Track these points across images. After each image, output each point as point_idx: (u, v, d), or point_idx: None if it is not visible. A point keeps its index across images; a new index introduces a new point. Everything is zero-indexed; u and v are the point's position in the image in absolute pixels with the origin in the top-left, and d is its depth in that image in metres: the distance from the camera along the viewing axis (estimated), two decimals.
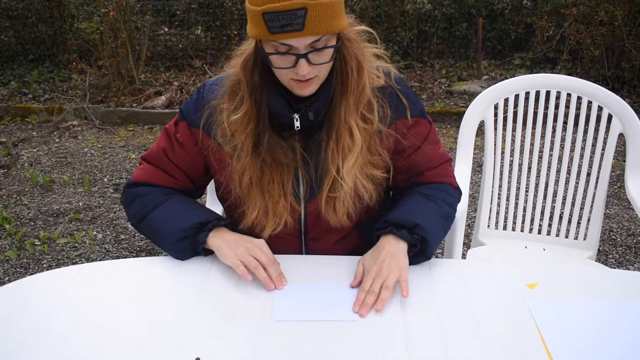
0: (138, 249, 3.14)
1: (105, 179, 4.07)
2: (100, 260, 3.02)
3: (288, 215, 1.34)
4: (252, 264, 1.25)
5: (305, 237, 1.44)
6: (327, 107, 1.27)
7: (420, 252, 1.31)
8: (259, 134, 1.27)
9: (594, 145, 1.90)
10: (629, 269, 2.83)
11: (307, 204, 1.38)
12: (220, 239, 1.32)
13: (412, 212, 1.34)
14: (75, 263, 2.99)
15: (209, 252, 1.35)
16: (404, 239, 1.29)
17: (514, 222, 2.06)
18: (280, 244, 1.40)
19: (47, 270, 2.46)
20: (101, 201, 3.72)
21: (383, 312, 1.15)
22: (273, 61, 1.19)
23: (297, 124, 1.28)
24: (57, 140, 4.92)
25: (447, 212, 1.40)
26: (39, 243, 3.20)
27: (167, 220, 1.35)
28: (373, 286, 1.20)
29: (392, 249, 1.28)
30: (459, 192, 1.48)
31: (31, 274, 2.89)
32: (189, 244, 1.33)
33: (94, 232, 3.31)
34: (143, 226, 1.39)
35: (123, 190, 1.45)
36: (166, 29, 6.80)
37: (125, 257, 3.05)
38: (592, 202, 1.95)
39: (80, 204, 3.68)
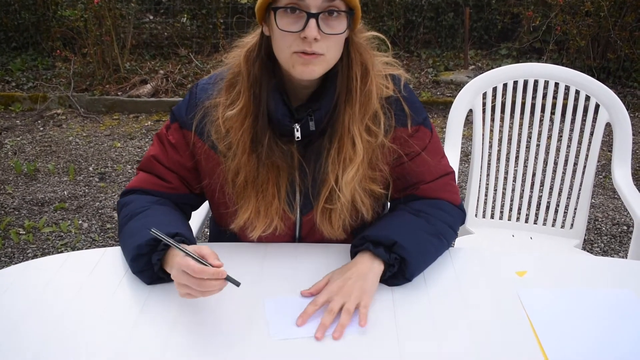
0: None
1: (91, 168, 4.03)
2: (86, 249, 2.99)
3: (279, 220, 1.27)
4: (183, 293, 1.07)
5: None
6: (330, 115, 1.21)
7: (399, 273, 1.20)
8: (257, 133, 1.20)
9: (580, 134, 1.91)
10: (614, 258, 2.87)
11: (302, 216, 1.32)
12: (172, 263, 1.13)
13: (392, 228, 1.24)
14: (61, 252, 2.96)
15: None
16: (381, 258, 1.19)
17: (502, 211, 2.07)
18: None
19: (33, 259, 2.43)
20: (87, 190, 3.69)
21: (374, 300, 1.14)
22: (280, 22, 1.11)
23: (297, 134, 1.21)
24: (42, 128, 4.87)
25: (441, 231, 1.28)
26: (24, 232, 3.17)
27: (130, 234, 1.22)
28: (333, 304, 1.10)
29: (363, 269, 1.18)
30: (459, 210, 1.35)
31: (16, 264, 2.85)
32: (144, 264, 1.18)
33: (80, 221, 3.29)
34: (120, 241, 1.28)
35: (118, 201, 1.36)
36: (151, 17, 6.74)
37: (111, 247, 3.02)
38: (579, 191, 1.96)
39: (65, 192, 3.65)
